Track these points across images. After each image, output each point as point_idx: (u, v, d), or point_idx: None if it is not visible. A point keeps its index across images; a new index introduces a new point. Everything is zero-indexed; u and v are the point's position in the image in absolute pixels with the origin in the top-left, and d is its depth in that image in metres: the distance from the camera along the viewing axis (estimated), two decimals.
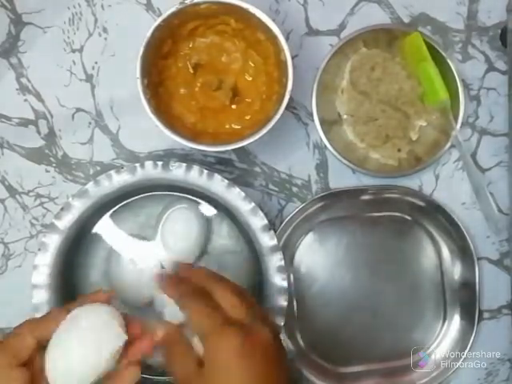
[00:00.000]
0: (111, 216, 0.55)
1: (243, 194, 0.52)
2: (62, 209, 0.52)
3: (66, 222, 0.52)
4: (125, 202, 0.55)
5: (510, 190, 0.59)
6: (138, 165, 0.52)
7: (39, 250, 0.52)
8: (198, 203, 0.55)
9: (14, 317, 0.57)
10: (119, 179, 0.52)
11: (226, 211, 0.54)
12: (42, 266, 0.52)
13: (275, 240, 0.52)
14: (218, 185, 0.52)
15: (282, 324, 0.51)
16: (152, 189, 0.55)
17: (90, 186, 0.52)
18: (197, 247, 0.54)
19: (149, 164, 0.52)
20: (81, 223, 0.53)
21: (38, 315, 0.51)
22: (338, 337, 0.58)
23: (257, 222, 0.52)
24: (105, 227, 0.55)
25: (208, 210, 0.56)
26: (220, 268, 0.54)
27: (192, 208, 0.55)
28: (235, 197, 0.52)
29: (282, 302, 0.51)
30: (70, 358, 0.40)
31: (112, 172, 0.52)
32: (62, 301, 0.52)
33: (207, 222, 0.55)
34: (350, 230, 0.59)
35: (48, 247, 0.52)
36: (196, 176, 0.52)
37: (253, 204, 0.52)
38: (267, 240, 0.52)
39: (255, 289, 0.54)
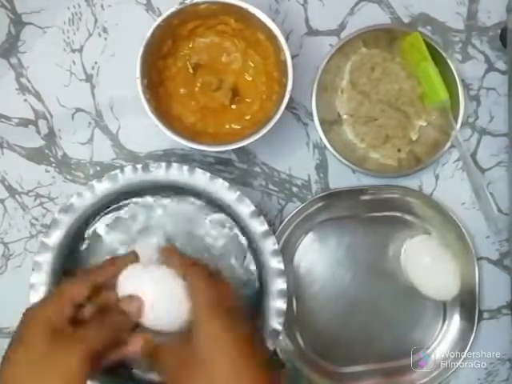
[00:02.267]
0: (101, 225, 0.55)
1: (226, 183, 0.51)
2: (49, 226, 0.51)
3: (56, 238, 0.51)
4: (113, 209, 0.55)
5: (510, 190, 0.59)
6: (118, 171, 0.51)
7: (33, 269, 0.51)
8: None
9: (13, 317, 0.58)
10: (102, 188, 0.51)
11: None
12: (39, 285, 0.51)
13: (266, 225, 0.51)
14: (200, 178, 0.51)
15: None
16: (138, 192, 0.54)
17: (74, 199, 0.51)
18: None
19: (128, 169, 0.51)
20: (71, 237, 0.52)
21: None
22: (337, 337, 0.58)
23: (257, 226, 0.51)
24: (95, 237, 0.55)
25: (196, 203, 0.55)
26: (217, 258, 0.55)
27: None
28: (219, 188, 0.52)
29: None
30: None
31: (93, 182, 0.51)
32: None
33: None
34: (350, 230, 0.59)
35: (41, 266, 0.51)
36: (176, 173, 0.52)
37: (238, 192, 0.51)
38: (258, 226, 0.51)
39: (255, 293, 0.54)
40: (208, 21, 0.54)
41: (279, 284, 0.51)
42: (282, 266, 0.51)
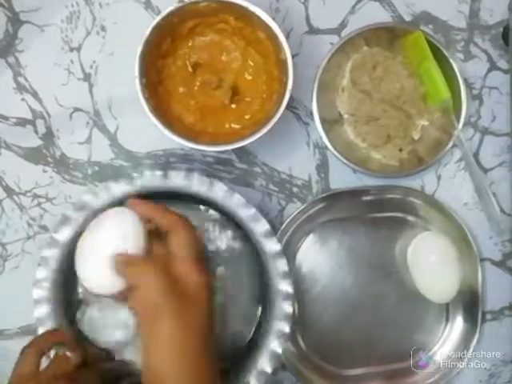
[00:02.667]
0: None
1: (243, 199, 0.52)
2: (60, 222, 0.52)
3: (66, 235, 0.51)
4: None
5: None
6: (136, 174, 0.52)
7: (39, 264, 0.51)
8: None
9: (11, 318, 0.58)
10: (120, 189, 0.52)
11: (228, 216, 0.54)
12: (43, 281, 0.51)
13: (279, 246, 0.52)
14: (218, 191, 0.52)
15: (288, 331, 0.50)
16: (152, 197, 0.54)
17: (89, 197, 0.52)
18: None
19: (147, 174, 0.52)
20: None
21: (42, 330, 0.52)
22: (339, 339, 0.58)
23: (259, 227, 0.51)
24: None
25: (211, 214, 0.56)
26: (225, 271, 0.55)
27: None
28: (236, 203, 0.52)
29: (287, 307, 0.51)
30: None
31: (110, 183, 0.52)
32: (64, 314, 0.52)
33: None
34: (352, 231, 0.58)
35: (48, 261, 0.51)
36: (196, 183, 0.52)
37: (254, 210, 0.52)
38: (271, 245, 0.51)
39: (260, 292, 0.54)
40: (208, 19, 0.53)
41: (285, 307, 0.51)
42: (290, 289, 0.51)
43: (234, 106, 0.56)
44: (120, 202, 0.52)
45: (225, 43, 0.55)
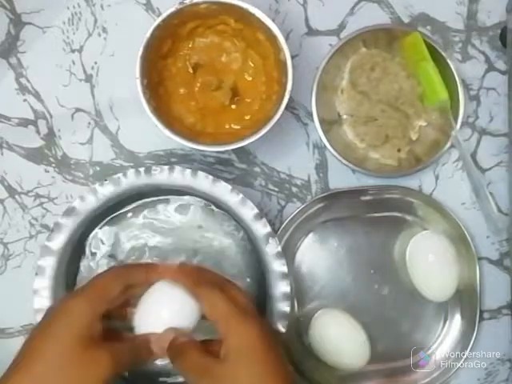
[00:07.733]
0: (103, 229, 0.55)
1: (229, 186, 0.51)
2: (52, 230, 0.51)
3: (59, 242, 0.51)
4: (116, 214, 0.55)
5: (510, 190, 0.59)
6: (121, 174, 0.51)
7: (36, 274, 0.51)
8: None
9: (13, 317, 0.58)
10: (104, 191, 0.51)
11: (216, 205, 0.54)
12: (42, 290, 0.51)
13: (268, 228, 0.51)
14: (203, 181, 0.51)
15: (288, 310, 0.51)
16: (141, 196, 0.54)
17: (77, 202, 0.51)
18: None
19: (131, 172, 0.51)
20: (75, 241, 0.52)
21: None
22: None
23: (248, 212, 0.51)
24: (98, 241, 0.55)
25: (205, 210, 0.56)
26: (219, 261, 0.55)
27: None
28: (221, 191, 0.52)
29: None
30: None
31: (96, 186, 0.51)
32: None
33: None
34: (351, 231, 0.59)
35: (45, 270, 0.51)
36: (179, 176, 0.51)
37: (241, 195, 0.51)
38: (261, 228, 0.51)
39: (257, 277, 0.54)
40: (208, 21, 0.54)
41: (282, 287, 0.51)
42: (285, 269, 0.51)
43: (233, 106, 0.56)
44: (109, 206, 0.53)
45: (225, 45, 0.56)
